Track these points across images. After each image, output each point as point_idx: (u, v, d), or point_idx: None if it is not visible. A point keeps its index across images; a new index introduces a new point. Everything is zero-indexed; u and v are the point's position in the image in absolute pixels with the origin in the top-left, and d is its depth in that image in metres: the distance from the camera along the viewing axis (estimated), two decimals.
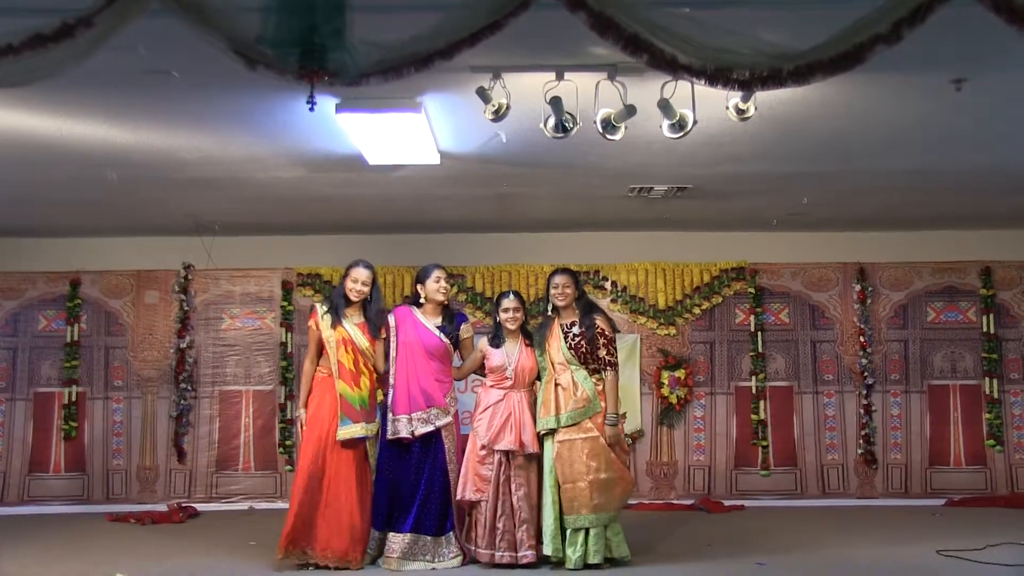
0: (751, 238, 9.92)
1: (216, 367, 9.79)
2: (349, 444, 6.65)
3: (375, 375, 6.86)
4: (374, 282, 6.88)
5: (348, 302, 6.82)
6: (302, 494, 6.57)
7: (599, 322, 6.70)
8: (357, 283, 6.78)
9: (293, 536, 6.53)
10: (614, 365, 6.66)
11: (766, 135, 6.22)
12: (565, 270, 6.97)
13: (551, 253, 9.70)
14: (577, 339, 6.65)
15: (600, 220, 9.41)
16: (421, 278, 6.95)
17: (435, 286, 6.87)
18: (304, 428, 6.72)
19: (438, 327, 6.89)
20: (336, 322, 6.75)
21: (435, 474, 6.70)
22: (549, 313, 6.88)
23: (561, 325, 6.76)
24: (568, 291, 6.78)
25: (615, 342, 6.75)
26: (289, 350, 9.71)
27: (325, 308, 6.85)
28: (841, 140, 6.44)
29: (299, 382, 7.60)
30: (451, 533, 6.71)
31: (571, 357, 6.63)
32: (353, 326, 6.76)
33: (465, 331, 7.03)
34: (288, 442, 9.54)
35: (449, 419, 6.77)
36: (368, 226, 9.56)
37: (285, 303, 9.80)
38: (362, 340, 6.75)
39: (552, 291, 6.80)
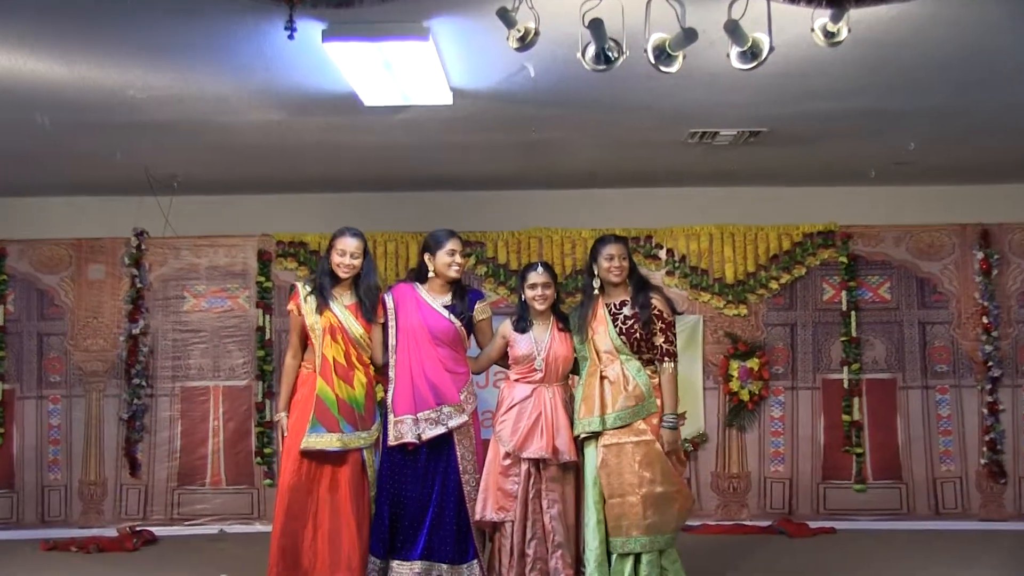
0: (842, 194, 9.90)
1: (177, 358, 9.85)
2: (327, 456, 6.66)
3: (373, 369, 6.89)
4: (365, 253, 6.86)
5: (336, 279, 6.81)
6: (285, 517, 6.58)
7: (656, 302, 6.67)
8: (345, 255, 6.75)
9: (281, 569, 6.56)
10: (673, 355, 6.65)
11: (861, 64, 6.19)
12: (618, 238, 6.93)
13: (591, 215, 9.71)
14: (630, 322, 6.64)
15: (652, 174, 9.39)
16: (431, 247, 6.91)
17: (447, 260, 6.84)
18: (286, 436, 6.75)
19: (446, 306, 6.88)
20: (322, 306, 6.74)
21: (447, 487, 6.72)
22: (597, 290, 6.86)
23: (608, 305, 6.74)
24: (625, 264, 6.74)
25: (674, 326, 6.74)
26: (268, 336, 9.77)
27: (308, 288, 6.83)
28: (958, 68, 6.39)
29: (279, 377, 7.63)
30: (474, 562, 6.73)
31: (622, 345, 6.62)
32: (343, 309, 6.76)
33: (480, 312, 7.01)
34: (267, 450, 9.60)
35: (465, 419, 6.77)
36: (364, 183, 9.58)
37: (262, 278, 9.84)
38: (355, 327, 6.75)
39: (605, 264, 6.73)
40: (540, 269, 6.88)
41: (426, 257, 6.92)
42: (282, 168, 8.98)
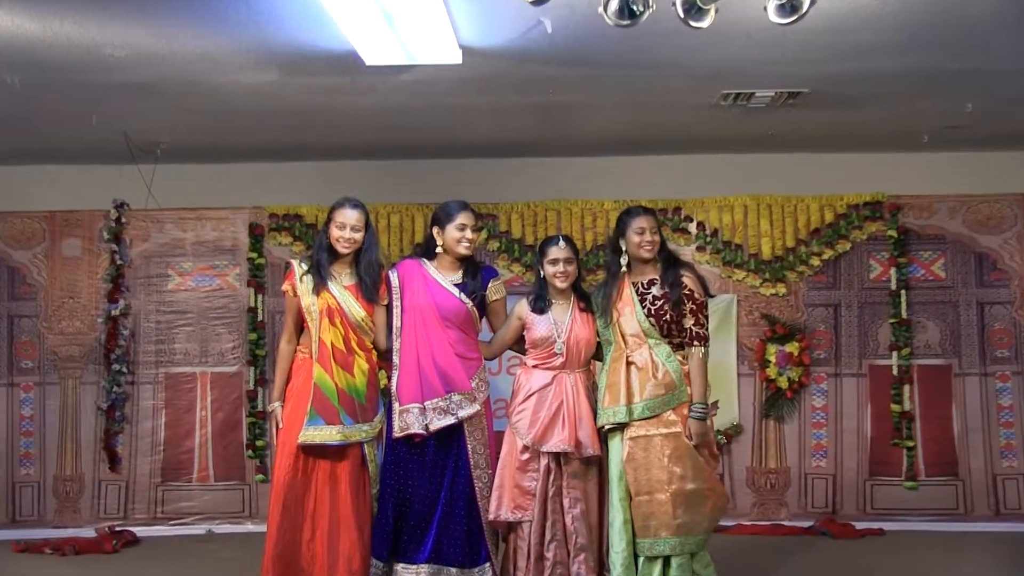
0: (891, 161, 9.89)
1: (161, 342, 9.89)
2: (325, 450, 6.65)
3: (376, 355, 6.90)
4: (367, 226, 6.84)
5: (335, 256, 6.80)
6: (280, 516, 6.58)
7: (686, 280, 6.65)
8: (345, 229, 6.73)
9: (276, 573, 6.55)
10: (704, 339, 6.63)
11: (912, 16, 6.18)
12: (647, 210, 6.92)
13: (614, 185, 9.71)
14: (659, 303, 6.62)
15: (681, 139, 9.38)
16: (440, 220, 6.88)
17: (457, 235, 6.80)
18: (281, 428, 6.76)
19: (457, 284, 6.86)
20: (320, 285, 6.72)
21: (457, 483, 6.72)
22: (624, 267, 6.81)
23: (635, 284, 6.73)
24: (656, 238, 6.72)
25: (706, 308, 6.73)
26: (260, 318, 9.81)
27: (305, 267, 6.81)
28: (1018, 19, 6.36)
29: (273, 363, 7.65)
30: (487, 566, 6.74)
31: (650, 327, 6.60)
32: (342, 290, 6.74)
33: (494, 291, 7.00)
34: (259, 443, 9.65)
35: (476, 408, 6.75)
36: (365, 150, 9.58)
37: (254, 254, 9.86)
38: (355, 309, 6.74)
39: (635, 238, 6.70)
40: (562, 243, 6.84)
41: (434, 231, 6.90)
42: (275, 134, 8.99)
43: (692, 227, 9.84)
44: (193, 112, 8.25)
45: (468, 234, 6.82)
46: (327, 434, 6.59)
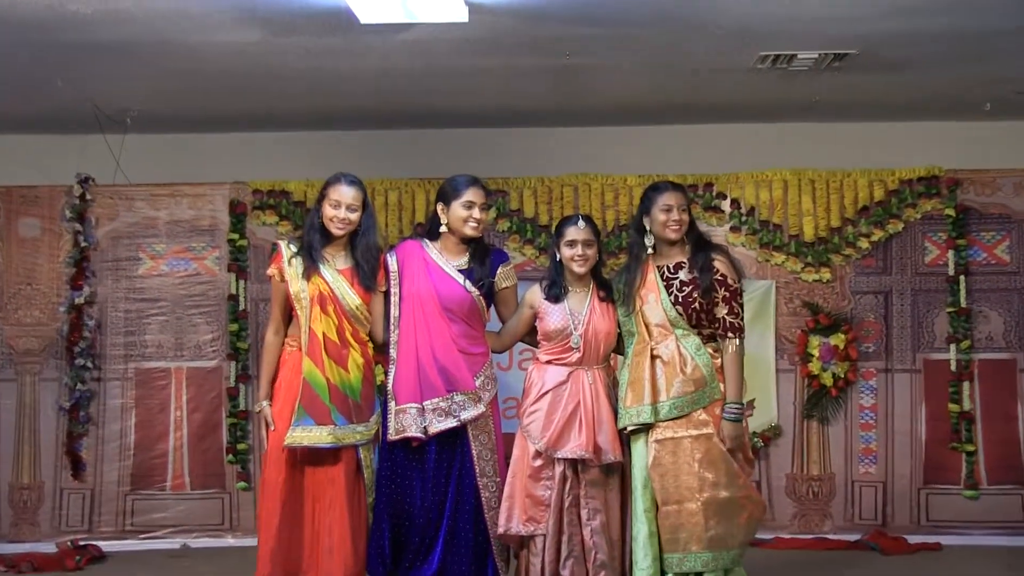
0: (949, 132, 9.89)
1: (131, 333, 9.88)
2: (317, 454, 6.65)
3: (371, 348, 6.90)
4: (365, 206, 6.84)
5: (328, 238, 6.79)
6: (278, 528, 6.59)
7: (718, 264, 6.66)
8: (340, 208, 6.72)
9: None
10: (739, 330, 6.64)
11: None
12: (676, 185, 6.93)
13: (638, 158, 9.72)
14: (687, 289, 6.63)
15: (714, 107, 9.39)
16: (445, 195, 6.87)
17: (464, 213, 6.79)
18: (271, 429, 6.75)
19: (462, 271, 6.85)
20: (311, 269, 6.71)
21: (463, 493, 6.72)
22: (649, 249, 6.81)
23: (660, 269, 6.74)
24: (685, 217, 6.72)
25: (741, 295, 6.74)
26: (242, 307, 9.80)
27: (294, 249, 6.81)
28: None
29: (258, 357, 7.65)
30: None
31: (677, 317, 6.61)
32: (336, 274, 6.74)
33: (504, 277, 6.99)
34: (241, 446, 9.64)
35: (481, 409, 6.76)
36: (360, 118, 9.59)
37: (235, 235, 9.85)
38: (350, 296, 6.73)
39: (661, 216, 6.70)
40: (581, 223, 6.81)
41: (439, 208, 6.88)
42: (259, 100, 9.01)
43: (725, 205, 9.82)
44: (168, 76, 8.25)
45: (476, 213, 6.79)
46: (316, 435, 6.58)
